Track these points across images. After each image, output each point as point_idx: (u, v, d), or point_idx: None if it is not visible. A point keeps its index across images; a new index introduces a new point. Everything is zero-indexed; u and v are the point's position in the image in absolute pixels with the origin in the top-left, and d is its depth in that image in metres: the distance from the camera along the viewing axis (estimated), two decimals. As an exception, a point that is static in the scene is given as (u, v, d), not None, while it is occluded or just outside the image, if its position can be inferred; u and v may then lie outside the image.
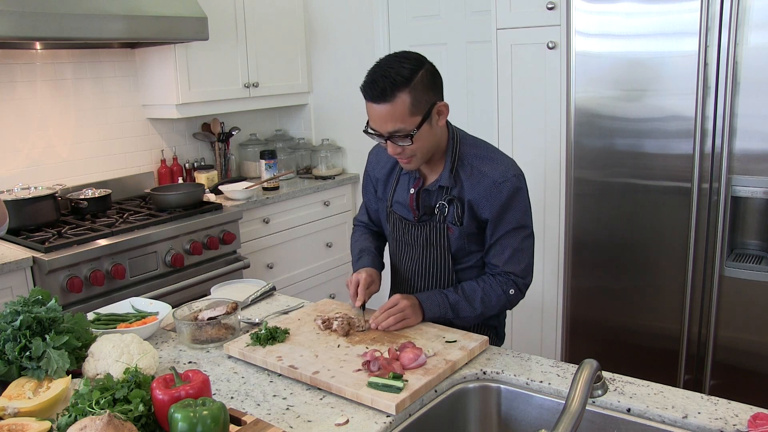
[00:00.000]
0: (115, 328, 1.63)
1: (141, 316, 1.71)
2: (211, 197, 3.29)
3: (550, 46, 2.66)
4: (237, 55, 3.44)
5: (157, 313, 1.73)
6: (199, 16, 2.95)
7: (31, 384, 1.30)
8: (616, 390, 1.30)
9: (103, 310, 1.75)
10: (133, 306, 1.79)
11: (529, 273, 1.71)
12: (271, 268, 3.41)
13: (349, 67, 3.74)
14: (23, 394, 1.26)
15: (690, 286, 2.33)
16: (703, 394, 1.27)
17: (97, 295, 2.58)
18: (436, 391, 1.34)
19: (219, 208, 3.08)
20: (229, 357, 1.53)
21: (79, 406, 1.12)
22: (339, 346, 1.50)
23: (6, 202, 2.59)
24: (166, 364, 1.50)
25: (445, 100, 1.61)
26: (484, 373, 1.42)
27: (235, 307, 1.65)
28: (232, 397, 1.34)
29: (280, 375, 1.42)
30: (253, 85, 3.53)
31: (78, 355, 1.41)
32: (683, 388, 1.31)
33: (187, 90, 3.21)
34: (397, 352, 1.41)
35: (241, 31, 3.44)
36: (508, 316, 1.92)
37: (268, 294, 1.93)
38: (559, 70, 2.66)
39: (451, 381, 1.38)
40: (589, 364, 1.02)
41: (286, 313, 1.77)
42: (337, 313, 1.67)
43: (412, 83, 1.50)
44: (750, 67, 2.10)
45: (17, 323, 1.34)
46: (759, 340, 2.25)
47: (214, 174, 3.56)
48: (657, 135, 2.32)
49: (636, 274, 2.47)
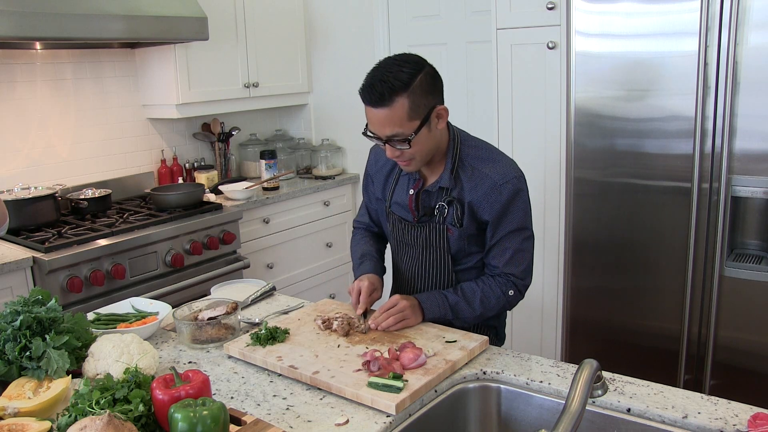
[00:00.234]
0: (115, 328, 1.63)
1: (141, 316, 1.71)
2: (211, 197, 3.29)
3: (550, 46, 2.66)
4: (237, 55, 3.44)
5: (157, 313, 1.73)
6: (199, 16, 2.95)
7: (31, 384, 1.30)
8: (616, 390, 1.30)
9: (103, 310, 1.75)
10: (133, 306, 1.79)
11: (529, 274, 1.70)
12: (271, 268, 3.41)
13: (349, 67, 3.74)
14: (23, 394, 1.26)
15: (690, 286, 2.33)
16: (703, 394, 1.27)
17: (97, 295, 2.58)
18: (436, 391, 1.34)
19: (219, 208, 3.08)
20: (229, 357, 1.53)
21: (79, 406, 1.12)
22: (339, 346, 1.50)
23: (6, 202, 2.59)
24: (166, 364, 1.50)
25: (445, 101, 1.60)
26: (484, 373, 1.42)
27: (235, 307, 1.65)
28: (232, 397, 1.34)
29: (280, 375, 1.42)
30: (253, 85, 3.53)
31: (78, 355, 1.41)
32: (683, 388, 1.31)
33: (187, 90, 3.22)
34: (397, 352, 1.41)
35: (241, 31, 3.44)
36: (508, 317, 1.92)
37: (268, 294, 1.93)
38: (559, 70, 2.66)
39: (451, 381, 1.38)
40: (589, 364, 1.02)
41: (286, 313, 1.77)
42: (337, 313, 1.67)
43: (411, 87, 1.48)
44: (750, 67, 2.10)
45: (17, 323, 1.34)
46: (759, 340, 2.25)
47: (214, 174, 3.56)
48: (657, 135, 2.32)
49: (636, 274, 2.47)
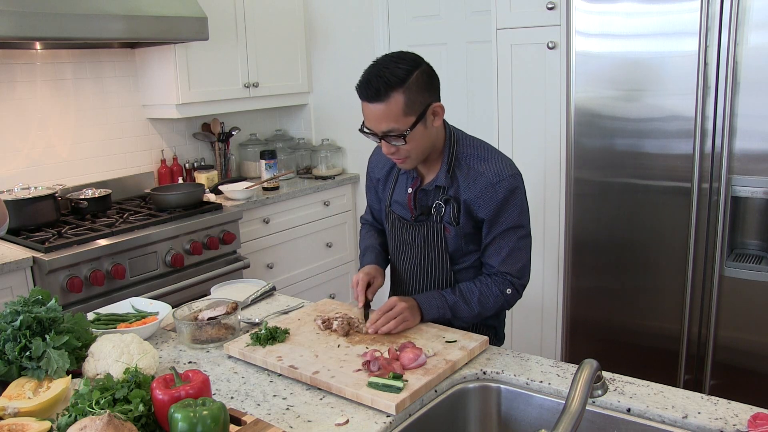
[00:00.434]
0: (115, 328, 1.63)
1: (141, 316, 1.71)
2: (211, 197, 3.29)
3: (550, 46, 2.66)
4: (237, 55, 3.44)
5: (157, 313, 1.73)
6: (199, 16, 2.95)
7: (31, 384, 1.30)
8: (616, 390, 1.30)
9: (103, 310, 1.76)
10: (133, 306, 1.79)
11: (526, 273, 1.70)
12: (271, 268, 3.41)
13: (349, 67, 3.74)
14: (23, 394, 1.26)
15: (690, 286, 2.33)
16: (703, 394, 1.27)
17: (97, 295, 2.58)
18: (436, 391, 1.34)
19: (219, 208, 3.08)
20: (229, 357, 1.53)
21: (79, 406, 1.12)
22: (339, 346, 1.50)
23: (6, 202, 2.59)
24: (166, 364, 1.50)
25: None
26: (484, 373, 1.42)
27: (235, 307, 1.65)
28: (232, 397, 1.34)
29: (280, 375, 1.42)
30: (253, 85, 3.53)
31: (78, 355, 1.41)
32: (683, 388, 1.31)
33: (187, 90, 3.21)
34: (397, 352, 1.41)
35: (241, 31, 3.44)
36: (508, 317, 1.92)
37: (268, 294, 1.93)
38: (559, 70, 2.66)
39: (451, 381, 1.38)
40: (589, 364, 1.02)
41: (286, 313, 1.77)
42: (337, 313, 1.67)
43: (407, 84, 1.50)
44: (750, 67, 2.10)
45: (17, 323, 1.34)
46: (759, 340, 2.25)
47: (214, 174, 3.56)
48: (657, 135, 2.32)
49: (636, 274, 2.47)
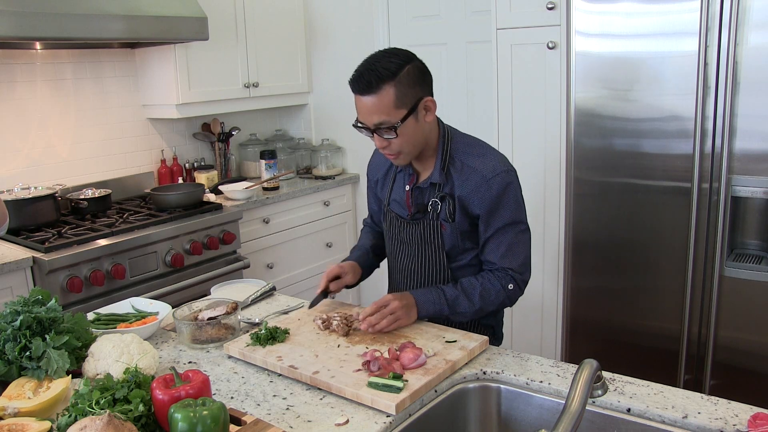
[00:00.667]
0: (115, 328, 1.63)
1: (141, 316, 1.71)
2: (211, 197, 3.29)
3: (550, 46, 2.66)
4: (237, 55, 3.44)
5: (157, 313, 1.73)
6: (199, 16, 2.95)
7: (31, 384, 1.30)
8: (616, 390, 1.30)
9: (103, 310, 1.75)
10: (133, 306, 1.79)
11: (527, 269, 1.70)
12: (271, 268, 3.41)
13: (349, 67, 3.65)
14: (23, 394, 1.26)
15: (690, 286, 2.33)
16: (703, 394, 1.27)
17: (97, 295, 2.58)
18: (436, 391, 1.34)
19: (219, 208, 3.08)
20: (229, 357, 1.53)
21: (79, 406, 1.12)
22: (339, 346, 1.50)
23: (6, 202, 2.59)
24: (166, 364, 1.50)
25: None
26: (484, 373, 1.42)
27: (235, 307, 1.65)
28: (232, 397, 1.34)
29: (280, 375, 1.42)
30: (253, 85, 3.53)
31: (78, 355, 1.41)
32: (683, 388, 1.31)
33: (187, 90, 3.21)
34: (397, 352, 1.41)
35: (241, 31, 3.44)
36: (508, 317, 1.92)
37: (268, 294, 1.93)
38: (559, 70, 2.66)
39: (451, 381, 1.38)
40: (589, 364, 1.01)
41: (286, 313, 1.77)
42: (336, 312, 1.67)
43: (398, 77, 1.53)
44: (750, 67, 2.10)
45: (17, 323, 1.34)
46: (759, 340, 2.25)
47: (214, 174, 3.56)
48: (657, 135, 2.32)
49: (636, 274, 2.47)
